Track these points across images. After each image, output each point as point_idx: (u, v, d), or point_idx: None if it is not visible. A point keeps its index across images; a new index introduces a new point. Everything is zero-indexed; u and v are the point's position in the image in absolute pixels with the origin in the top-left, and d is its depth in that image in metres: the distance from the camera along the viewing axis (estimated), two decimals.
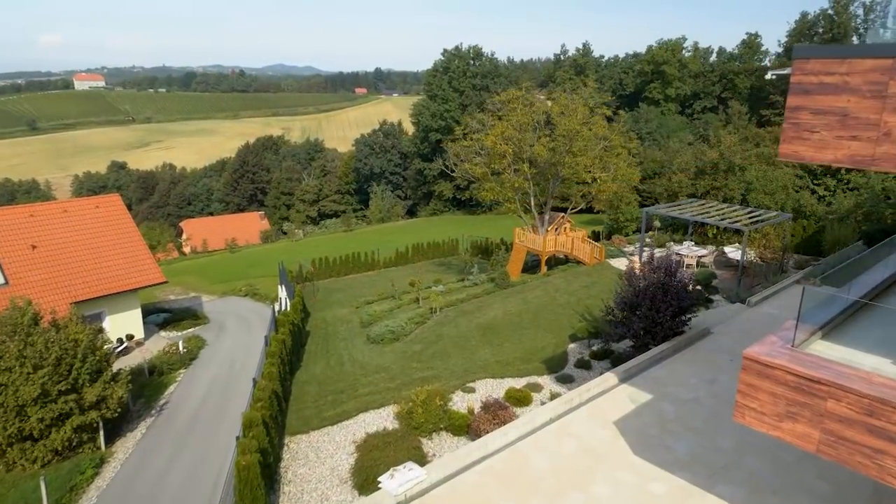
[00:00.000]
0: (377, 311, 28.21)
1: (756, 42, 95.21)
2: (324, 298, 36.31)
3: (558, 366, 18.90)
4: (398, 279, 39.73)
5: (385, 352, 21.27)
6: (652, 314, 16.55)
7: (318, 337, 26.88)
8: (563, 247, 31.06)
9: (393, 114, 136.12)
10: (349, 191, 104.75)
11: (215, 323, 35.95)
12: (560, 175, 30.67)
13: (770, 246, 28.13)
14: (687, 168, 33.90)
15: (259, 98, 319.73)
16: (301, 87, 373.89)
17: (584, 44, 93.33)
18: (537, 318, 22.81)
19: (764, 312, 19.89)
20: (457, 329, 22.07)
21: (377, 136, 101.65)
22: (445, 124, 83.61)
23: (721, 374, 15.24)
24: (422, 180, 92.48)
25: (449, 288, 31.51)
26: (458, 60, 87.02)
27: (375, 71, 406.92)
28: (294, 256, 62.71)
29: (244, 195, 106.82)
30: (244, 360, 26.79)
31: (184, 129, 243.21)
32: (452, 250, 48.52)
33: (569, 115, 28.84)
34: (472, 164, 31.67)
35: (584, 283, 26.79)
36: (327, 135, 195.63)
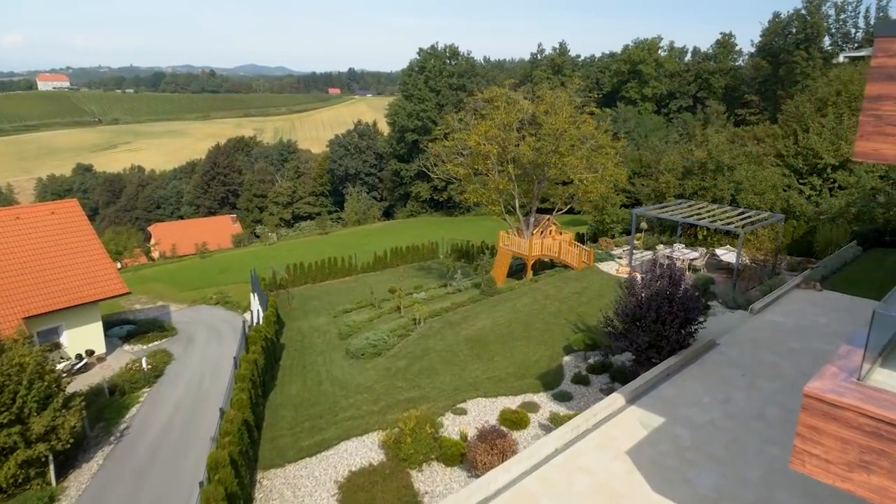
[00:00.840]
0: (356, 321, 26.63)
1: (730, 42, 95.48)
2: (299, 307, 34.56)
3: (554, 382, 17.59)
4: (377, 285, 38.14)
5: (367, 368, 19.72)
6: (657, 326, 15.31)
7: (294, 350, 25.20)
8: (550, 251, 29.82)
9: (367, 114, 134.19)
10: (324, 192, 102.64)
11: (183, 334, 33.98)
12: (546, 176, 29.44)
13: (763, 248, 27.27)
14: (674, 168, 32.95)
15: (230, 99, 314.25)
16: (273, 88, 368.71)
17: (560, 43, 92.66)
18: (528, 328, 21.48)
19: (769, 320, 18.83)
20: (443, 342, 20.62)
21: (352, 136, 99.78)
22: (422, 124, 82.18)
23: (735, 392, 14.04)
24: (398, 181, 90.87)
25: (431, 295, 30.07)
26: (434, 60, 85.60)
27: (349, 71, 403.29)
28: (268, 261, 60.63)
29: (215, 198, 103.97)
30: (214, 376, 25.00)
31: (152, 130, 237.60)
32: (432, 254, 47.06)
33: (555, 113, 27.60)
34: (455, 164, 30.26)
35: (574, 289, 25.56)
36: (300, 135, 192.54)
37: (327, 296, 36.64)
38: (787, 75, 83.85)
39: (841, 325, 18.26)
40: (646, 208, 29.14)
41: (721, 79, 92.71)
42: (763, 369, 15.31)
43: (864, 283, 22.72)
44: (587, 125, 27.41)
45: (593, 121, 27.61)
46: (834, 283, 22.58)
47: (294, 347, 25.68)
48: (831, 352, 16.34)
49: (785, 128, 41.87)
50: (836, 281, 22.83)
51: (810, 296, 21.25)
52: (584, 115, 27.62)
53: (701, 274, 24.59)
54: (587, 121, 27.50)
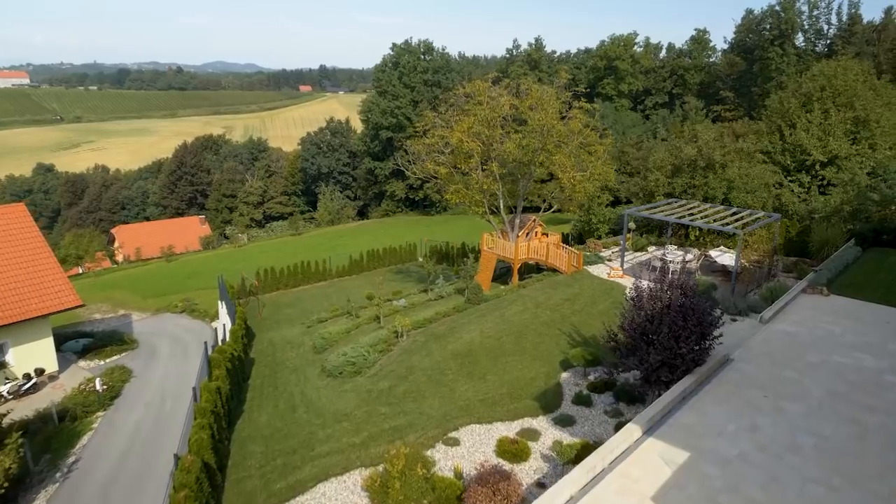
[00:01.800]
0: (332, 332, 24.72)
1: (705, 38, 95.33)
2: (270, 315, 32.48)
3: (553, 403, 15.98)
4: (354, 291, 36.22)
5: (345, 390, 17.86)
6: (671, 343, 13.77)
7: (265, 366, 23.21)
8: (538, 254, 28.26)
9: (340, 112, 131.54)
10: (296, 192, 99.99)
11: (145, 347, 31.65)
12: (532, 175, 27.88)
13: (760, 248, 26.10)
14: (663, 166, 31.67)
15: (198, 96, 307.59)
16: (243, 85, 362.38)
17: (536, 38, 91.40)
18: (520, 340, 19.85)
19: (780, 330, 17.49)
20: (429, 358, 18.86)
21: (324, 134, 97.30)
22: (396, 121, 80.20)
23: (760, 418, 12.58)
24: (372, 180, 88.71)
25: (412, 302, 28.29)
26: (408, 55, 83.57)
27: (320, 68, 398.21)
28: (238, 264, 58.12)
29: (182, 198, 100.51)
30: (177, 396, 22.86)
31: (117, 128, 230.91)
32: (410, 256, 45.24)
33: (542, 108, 26.02)
34: (436, 163, 28.49)
35: (564, 296, 24.02)
36: (271, 134, 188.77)
37: (301, 303, 34.62)
38: (762, 71, 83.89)
39: (856, 336, 17.01)
40: (638, 208, 27.78)
41: (696, 75, 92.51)
42: (785, 388, 13.90)
43: (869, 286, 21.63)
44: (576, 121, 25.89)
45: (584, 116, 26.12)
46: (839, 286, 21.42)
47: (265, 363, 23.68)
48: (852, 366, 15.06)
49: (769, 123, 41.02)
50: (842, 284, 21.67)
51: (818, 302, 20.01)
52: (574, 110, 26.09)
53: (701, 279, 23.21)
54: (577, 116, 25.98)
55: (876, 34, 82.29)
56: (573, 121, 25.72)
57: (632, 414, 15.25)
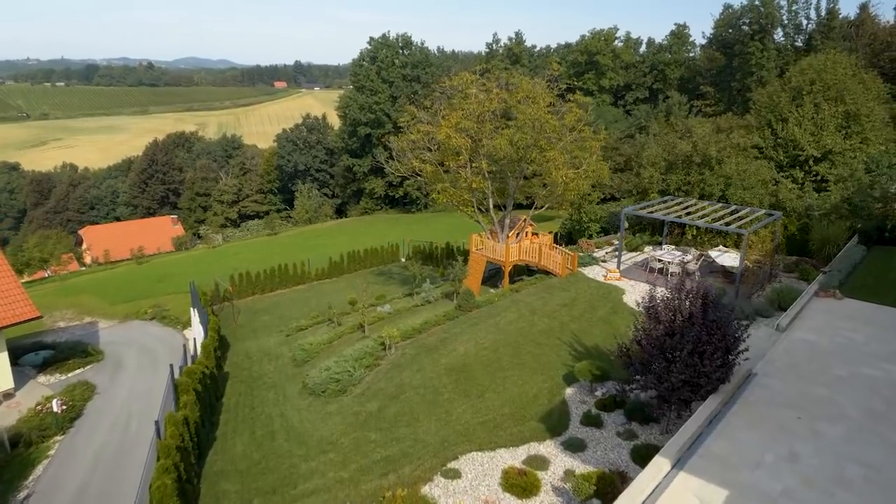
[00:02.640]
0: (313, 343, 23.03)
1: (685, 33, 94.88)
2: (246, 323, 30.61)
3: (560, 424, 14.53)
4: (334, 295, 34.50)
5: (330, 412, 16.21)
6: (695, 361, 12.39)
7: (240, 381, 21.44)
8: (529, 255, 26.83)
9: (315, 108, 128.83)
10: (272, 190, 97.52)
11: (112, 359, 29.66)
12: (523, 172, 26.44)
13: (761, 248, 25.00)
14: (656, 162, 30.46)
15: (170, 92, 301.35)
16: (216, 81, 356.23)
17: (516, 33, 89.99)
18: (518, 352, 18.38)
19: (800, 339, 16.27)
20: (421, 374, 17.28)
21: (300, 130, 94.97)
22: (375, 117, 78.27)
23: (799, 444, 11.27)
24: (351, 177, 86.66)
25: (397, 308, 26.69)
26: (385, 50, 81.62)
27: (295, 64, 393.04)
28: (212, 266, 55.89)
29: (154, 197, 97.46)
30: (144, 416, 21.03)
31: (86, 125, 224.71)
32: (393, 256, 43.58)
33: (533, 101, 24.58)
34: (421, 160, 26.88)
35: (561, 301, 22.62)
36: (246, 130, 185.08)
37: (278, 309, 32.79)
38: (741, 66, 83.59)
39: (880, 344, 15.86)
40: (635, 206, 26.50)
41: (676, 70, 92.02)
42: (819, 408, 12.63)
43: (882, 288, 20.56)
44: (571, 115, 24.49)
45: (579, 110, 24.74)
46: (851, 289, 20.32)
47: (240, 378, 21.90)
48: (884, 380, 13.85)
49: (759, 118, 40.14)
50: (853, 286, 20.59)
51: (832, 306, 18.87)
52: (569, 102, 24.70)
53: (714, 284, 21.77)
54: (572, 110, 24.57)
55: (854, 29, 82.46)
56: (569, 115, 24.30)
57: (647, 435, 13.91)
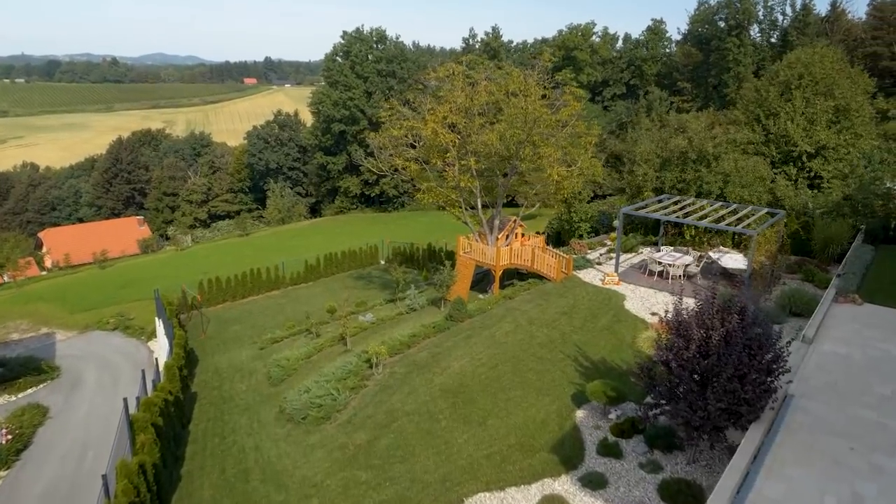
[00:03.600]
0: (290, 358, 21.05)
1: (661, 28, 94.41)
2: (216, 334, 28.42)
3: (575, 455, 12.88)
4: (311, 301, 32.48)
5: (312, 444, 14.30)
6: (735, 386, 10.81)
7: (209, 404, 19.38)
8: (522, 259, 25.17)
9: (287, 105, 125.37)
10: (243, 189, 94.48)
11: (69, 376, 27.33)
12: (515, 170, 24.75)
13: (768, 249, 23.74)
14: (650, 158, 29.07)
15: (136, 89, 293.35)
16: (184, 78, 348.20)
17: (493, 27, 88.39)
18: (519, 368, 16.68)
19: (830, 352, 14.84)
20: (414, 398, 15.45)
21: (272, 128, 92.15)
22: (349, 114, 76.01)
23: (859, 483, 9.75)
24: (325, 176, 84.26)
25: (380, 317, 24.81)
26: (359, 44, 79.32)
27: (265, 60, 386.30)
28: (180, 270, 53.25)
29: (119, 198, 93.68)
30: (103, 443, 18.84)
31: (48, 123, 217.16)
32: (372, 258, 41.60)
33: (525, 95, 22.92)
34: (404, 158, 25.02)
35: (559, 309, 21.00)
36: (215, 128, 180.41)
37: (250, 317, 30.62)
38: (718, 62, 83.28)
39: None
40: (633, 206, 25.02)
41: (653, 66, 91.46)
42: (871, 435, 11.15)
43: None
44: (569, 109, 22.89)
45: (577, 104, 23.15)
46: (868, 292, 19.06)
47: (209, 399, 19.83)
48: None
49: (747, 113, 39.13)
50: (870, 290, 19.33)
51: (855, 313, 17.56)
52: (566, 95, 23.08)
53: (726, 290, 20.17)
54: (570, 104, 22.97)
55: (829, 25, 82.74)
56: (566, 108, 22.69)
57: (673, 466, 12.34)
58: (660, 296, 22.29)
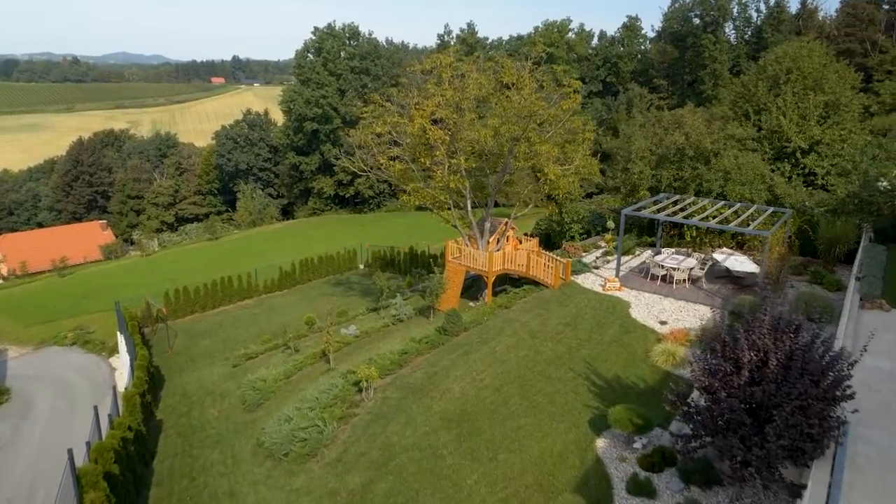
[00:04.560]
0: (267, 378, 19.04)
1: (636, 25, 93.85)
2: (183, 349, 26.20)
3: (602, 495, 11.22)
4: (288, 311, 30.42)
5: (297, 489, 12.36)
6: (799, 419, 9.23)
7: (176, 435, 17.29)
8: (516, 264, 23.49)
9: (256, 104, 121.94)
10: (211, 191, 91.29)
11: (20, 399, 24.85)
12: (508, 169, 23.11)
13: (778, 250, 22.46)
14: (645, 156, 27.66)
15: (99, 89, 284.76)
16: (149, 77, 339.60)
17: (468, 23, 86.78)
18: (527, 390, 14.97)
19: (873, 367, 13.40)
20: (412, 429, 13.61)
21: (241, 127, 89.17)
22: (322, 112, 73.63)
23: None
24: (297, 176, 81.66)
25: (364, 330, 22.89)
26: (331, 41, 77.01)
27: (233, 59, 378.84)
28: (145, 277, 50.48)
29: (80, 201, 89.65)
30: (54, 480, 16.62)
31: (5, 124, 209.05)
32: (350, 263, 39.57)
33: (519, 88, 21.29)
34: (388, 157, 23.13)
35: (562, 319, 19.37)
36: (182, 128, 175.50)
37: (221, 330, 28.43)
38: (694, 59, 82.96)
39: None
40: (634, 206, 23.52)
41: (630, 63, 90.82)
42: None
43: None
44: (569, 102, 21.29)
45: (577, 96, 21.55)
46: (892, 296, 17.81)
47: (176, 428, 17.73)
48: None
49: (735, 109, 38.10)
50: (893, 293, 18.08)
51: (886, 321, 16.23)
52: (567, 88, 21.43)
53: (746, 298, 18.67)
54: (572, 97, 21.36)
55: (802, 22, 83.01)
56: (566, 101, 21.08)
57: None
58: (666, 302, 20.83)
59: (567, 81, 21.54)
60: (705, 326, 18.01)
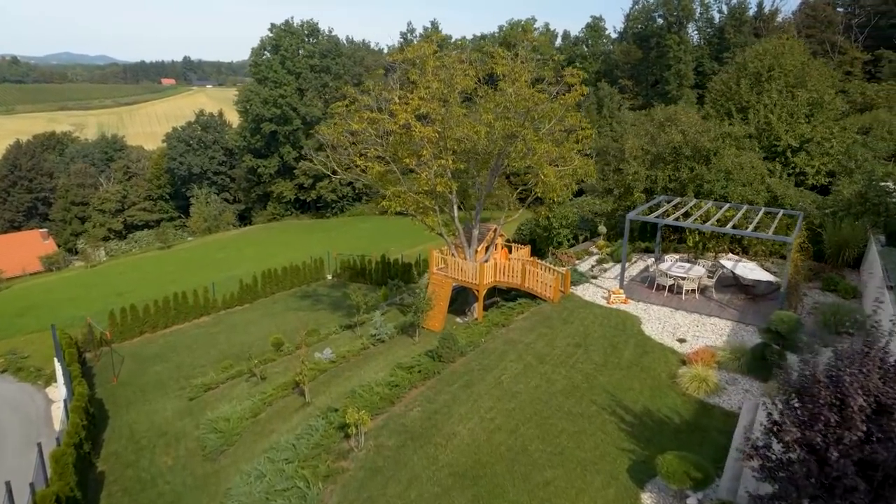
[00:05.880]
0: (231, 417, 16.25)
1: (600, 25, 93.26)
2: (132, 378, 23.00)
3: None
4: (249, 330, 27.46)
5: None
6: None
7: (120, 492, 14.38)
8: (509, 276, 21.20)
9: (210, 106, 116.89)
10: (163, 196, 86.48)
11: None
12: (499, 170, 20.83)
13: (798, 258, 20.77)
14: (638, 155, 25.79)
15: (41, 90, 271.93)
16: (94, 78, 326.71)
17: (432, 22, 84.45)
18: (547, 431, 12.66)
19: None
20: (417, 489, 11.10)
21: (194, 129, 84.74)
22: (281, 112, 70.17)
23: None
24: (255, 180, 77.83)
25: (341, 353, 20.19)
26: (290, 38, 73.53)
27: (184, 60, 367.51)
28: (90, 291, 46.42)
29: (18, 209, 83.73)
30: None
31: None
32: (317, 273, 36.66)
33: (514, 80, 19.05)
34: (365, 158, 20.53)
35: (570, 340, 17.17)
36: (131, 131, 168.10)
37: (175, 353, 25.30)
38: (658, 60, 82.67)
39: None
40: (638, 209, 21.52)
41: (594, 63, 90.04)
42: None
43: None
44: (573, 95, 19.14)
45: (584, 88, 19.39)
46: None
47: (121, 485, 14.77)
48: None
49: (716, 107, 36.83)
50: None
51: None
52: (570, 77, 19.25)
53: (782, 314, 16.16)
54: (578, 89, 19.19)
55: (762, 24, 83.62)
56: (570, 94, 18.91)
57: None
58: (678, 316, 18.86)
59: (570, 71, 19.36)
60: (733, 345, 16.05)
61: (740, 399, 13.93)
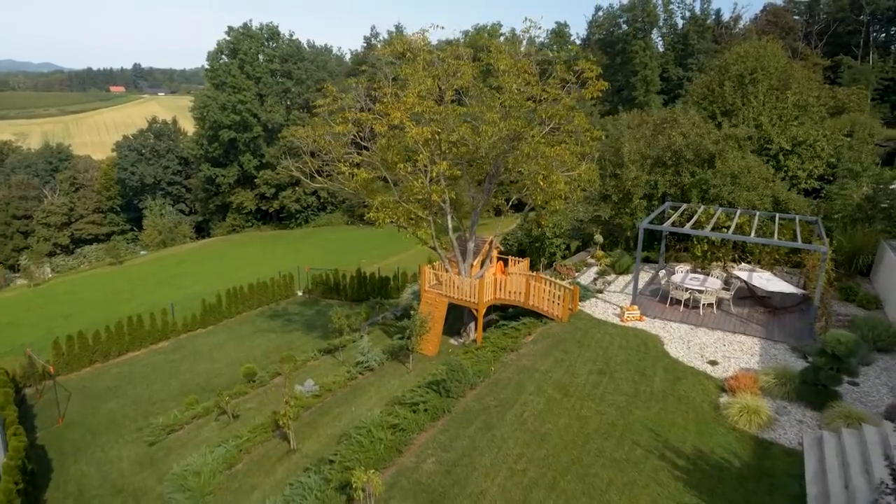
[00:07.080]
0: (203, 470, 13.70)
1: (565, 31, 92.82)
2: (81, 418, 20.05)
3: None
4: (215, 356, 24.77)
5: None
6: None
7: None
8: (511, 293, 19.17)
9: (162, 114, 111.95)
10: (113, 208, 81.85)
11: None
12: (498, 176, 18.84)
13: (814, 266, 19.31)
14: (637, 160, 24.19)
15: None
16: (38, 86, 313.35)
17: (396, 25, 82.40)
18: (592, 486, 10.62)
19: None
20: None
21: (146, 137, 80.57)
22: (241, 119, 66.96)
23: None
24: (213, 190, 74.19)
25: (324, 384, 17.81)
26: (248, 41, 70.40)
27: (134, 67, 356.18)
28: (33, 315, 42.53)
29: None
30: None
31: None
32: (286, 290, 33.97)
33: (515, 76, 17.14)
34: (349, 164, 18.23)
35: (592, 366, 15.22)
36: (78, 140, 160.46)
37: (131, 386, 22.39)
38: (624, 66, 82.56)
39: None
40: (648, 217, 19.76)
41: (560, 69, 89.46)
42: None
43: None
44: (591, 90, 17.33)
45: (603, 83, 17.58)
46: None
47: None
48: None
49: (700, 111, 35.78)
50: None
51: None
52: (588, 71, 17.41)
53: (838, 333, 13.68)
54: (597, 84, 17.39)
55: (724, 30, 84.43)
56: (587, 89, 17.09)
57: None
58: (700, 334, 17.16)
59: (584, 66, 17.53)
60: (774, 368, 14.33)
61: (797, 432, 12.21)
